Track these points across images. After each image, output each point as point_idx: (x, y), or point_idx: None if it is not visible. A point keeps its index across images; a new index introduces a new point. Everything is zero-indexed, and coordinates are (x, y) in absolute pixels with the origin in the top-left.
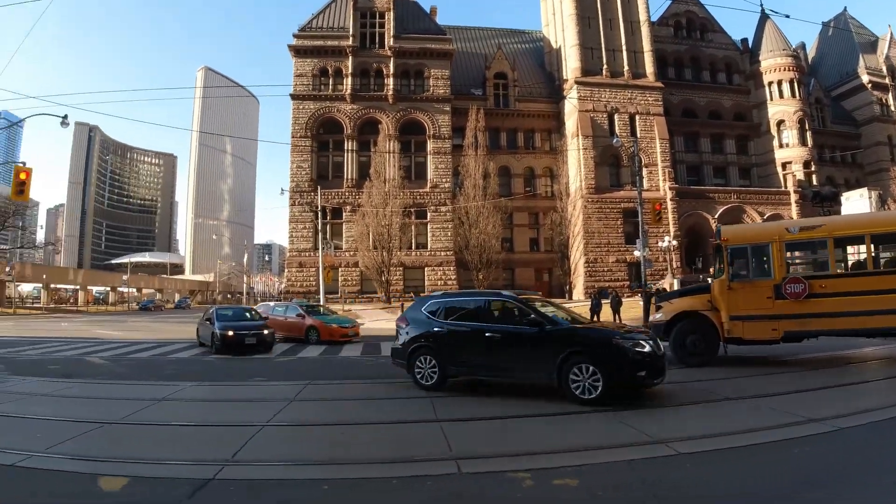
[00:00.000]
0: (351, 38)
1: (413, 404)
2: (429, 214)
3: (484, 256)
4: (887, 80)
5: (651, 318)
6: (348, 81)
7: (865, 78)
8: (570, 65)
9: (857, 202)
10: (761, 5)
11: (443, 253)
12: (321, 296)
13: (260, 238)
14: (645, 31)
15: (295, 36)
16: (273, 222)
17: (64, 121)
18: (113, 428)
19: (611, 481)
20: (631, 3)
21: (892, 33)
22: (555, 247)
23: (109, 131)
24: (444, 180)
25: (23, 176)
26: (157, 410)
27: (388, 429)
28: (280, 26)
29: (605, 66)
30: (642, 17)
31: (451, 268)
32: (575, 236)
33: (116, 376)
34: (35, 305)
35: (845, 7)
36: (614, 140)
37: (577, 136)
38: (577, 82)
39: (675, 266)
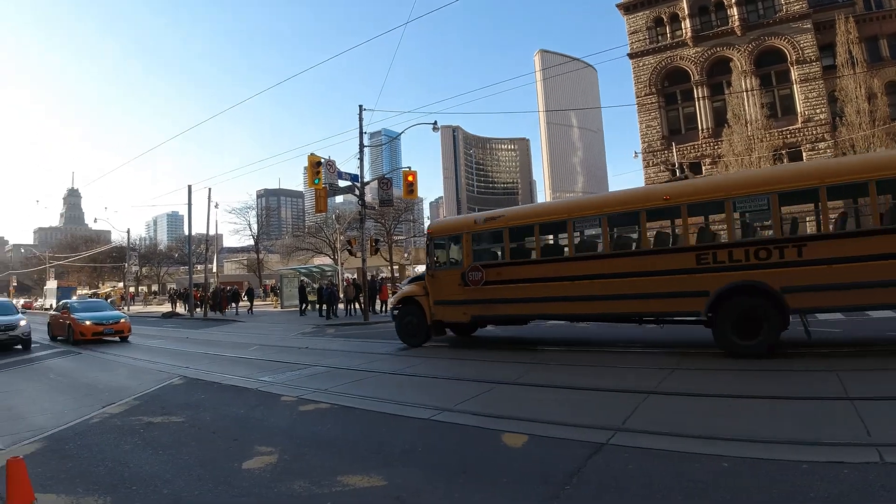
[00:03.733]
0: None
1: (816, 378)
2: (804, 154)
3: None
4: None
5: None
6: (686, 24)
7: None
8: None
9: None
10: None
11: None
12: None
13: None
14: None
15: None
16: (628, 187)
17: (434, 127)
18: (508, 388)
19: None
20: None
21: None
22: None
23: (469, 128)
24: (817, 111)
25: (410, 178)
26: (544, 372)
27: (788, 404)
28: None
29: None
30: None
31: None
32: None
33: (517, 341)
34: None
35: None
36: None
37: None
38: None
39: None
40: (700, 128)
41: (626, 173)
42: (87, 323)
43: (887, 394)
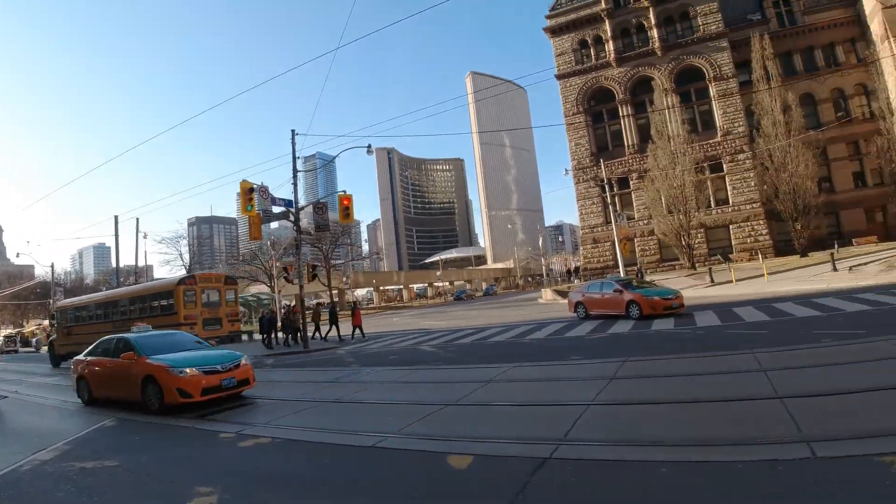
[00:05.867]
0: (603, 2)
1: (744, 378)
2: (725, 166)
3: (798, 203)
4: None
5: None
6: (610, 46)
7: None
8: None
9: None
10: None
11: (747, 206)
12: (620, 269)
13: (550, 220)
14: None
15: (547, 17)
16: (560, 203)
17: (368, 150)
18: (453, 410)
19: None
20: None
21: None
22: (886, 178)
23: (404, 149)
24: (736, 125)
25: (345, 202)
26: (487, 392)
27: (721, 407)
28: (534, 12)
29: None
30: None
31: (760, 221)
32: None
33: (446, 361)
34: (369, 306)
35: None
36: None
37: (888, 38)
38: None
39: None
40: (626, 144)
41: (559, 190)
42: (189, 372)
43: (815, 390)
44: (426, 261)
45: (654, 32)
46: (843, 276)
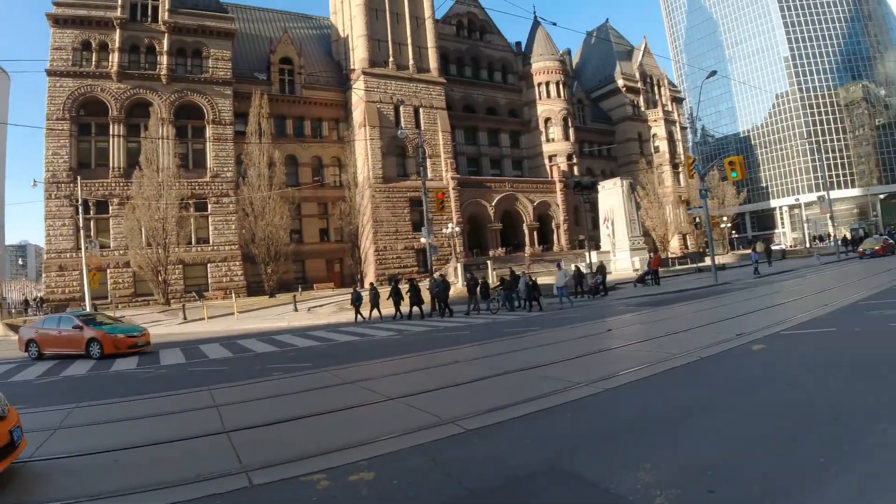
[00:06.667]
0: (119, 9)
1: (197, 416)
2: (210, 206)
3: (272, 249)
4: (639, 85)
5: None
6: (115, 57)
7: (621, 82)
8: (358, 55)
9: (611, 190)
10: (534, 12)
11: (227, 247)
12: (87, 302)
13: (12, 238)
14: (429, 27)
15: (55, 3)
16: (27, 219)
17: None
18: None
19: (405, 468)
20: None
21: (645, 44)
22: (345, 236)
23: None
24: (225, 169)
25: None
26: None
27: (171, 448)
28: None
29: (391, 59)
30: (427, 13)
31: (237, 262)
32: (364, 225)
33: None
34: None
35: (607, 19)
36: (399, 131)
37: (364, 126)
38: (363, 72)
39: (458, 251)
40: (112, 166)
41: (30, 202)
42: None
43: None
44: None
45: (164, 59)
46: (302, 316)
